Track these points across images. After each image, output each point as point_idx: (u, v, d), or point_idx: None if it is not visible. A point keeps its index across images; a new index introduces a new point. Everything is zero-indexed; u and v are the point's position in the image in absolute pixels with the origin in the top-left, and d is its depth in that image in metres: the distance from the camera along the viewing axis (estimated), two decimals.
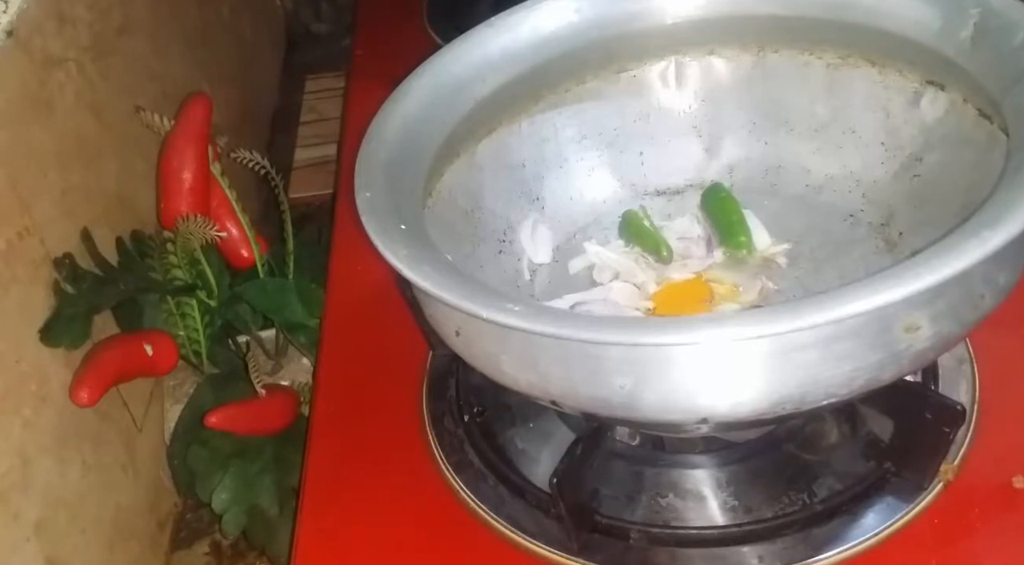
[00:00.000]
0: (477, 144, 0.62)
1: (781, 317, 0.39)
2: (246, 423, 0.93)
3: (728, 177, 0.67)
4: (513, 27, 0.62)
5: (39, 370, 0.86)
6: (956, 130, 0.57)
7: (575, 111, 0.66)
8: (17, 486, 0.81)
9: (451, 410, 0.64)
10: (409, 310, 0.60)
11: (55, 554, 0.85)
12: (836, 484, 0.55)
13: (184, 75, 1.35)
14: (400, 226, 0.48)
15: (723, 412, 0.44)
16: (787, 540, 0.53)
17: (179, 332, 1.00)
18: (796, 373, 0.42)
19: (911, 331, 0.42)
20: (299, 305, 0.99)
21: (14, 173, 0.86)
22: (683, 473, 0.57)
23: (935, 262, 0.38)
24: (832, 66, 0.62)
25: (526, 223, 0.65)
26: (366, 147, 0.54)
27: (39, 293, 0.88)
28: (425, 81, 0.59)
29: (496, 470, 0.59)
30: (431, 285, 0.44)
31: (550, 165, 0.66)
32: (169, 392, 1.09)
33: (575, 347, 0.43)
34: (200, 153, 1.01)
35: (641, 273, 0.62)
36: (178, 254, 0.98)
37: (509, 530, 0.56)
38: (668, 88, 0.67)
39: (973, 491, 0.54)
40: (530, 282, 0.64)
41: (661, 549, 0.54)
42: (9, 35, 0.88)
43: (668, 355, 0.43)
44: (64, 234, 0.93)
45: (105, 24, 1.11)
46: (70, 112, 0.99)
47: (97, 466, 0.94)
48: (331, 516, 0.60)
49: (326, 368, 0.72)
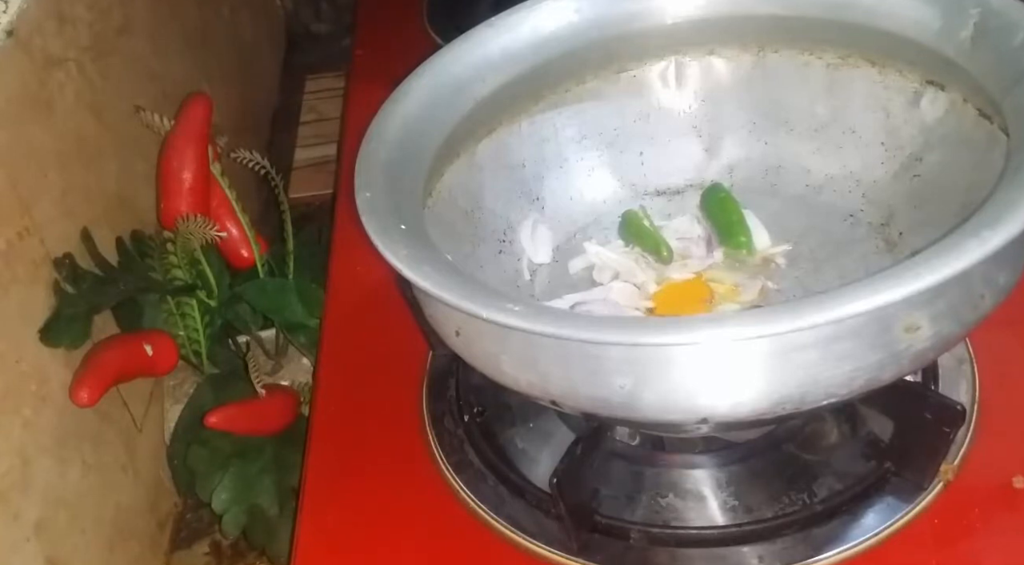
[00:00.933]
0: (477, 144, 0.62)
1: (781, 317, 0.39)
2: (246, 423, 0.93)
3: (728, 177, 0.67)
4: (513, 27, 0.62)
5: (39, 370, 0.86)
6: (956, 130, 0.57)
7: (575, 111, 0.66)
8: (17, 486, 0.81)
9: (451, 410, 0.64)
10: (409, 310, 0.60)
11: (55, 554, 0.85)
12: (836, 484, 0.55)
13: (184, 75, 1.35)
14: (400, 226, 0.48)
15: (723, 412, 0.44)
16: (787, 540, 0.53)
17: (179, 332, 1.00)
18: (796, 373, 0.42)
19: (911, 331, 0.42)
20: (299, 305, 0.99)
21: (14, 173, 0.86)
22: (683, 473, 0.57)
23: (935, 262, 0.39)
24: (832, 66, 0.62)
25: (526, 223, 0.65)
26: (366, 147, 0.54)
27: (39, 293, 0.88)
28: (425, 81, 0.59)
29: (496, 470, 0.59)
30: (431, 285, 0.44)
31: (550, 165, 0.66)
32: (169, 392, 1.09)
33: (575, 347, 0.43)
34: (200, 153, 1.01)
35: (641, 273, 0.62)
36: (178, 254, 0.98)
37: (509, 530, 0.56)
38: (668, 88, 0.67)
39: (973, 491, 0.54)
40: (530, 282, 0.64)
41: (661, 549, 0.54)
42: (9, 35, 0.88)
43: (668, 355, 0.43)
44: (64, 234, 0.93)
45: (105, 24, 1.11)
46: (70, 112, 0.99)
47: (97, 466, 0.94)
48: (331, 516, 0.60)
49: (326, 368, 0.72)
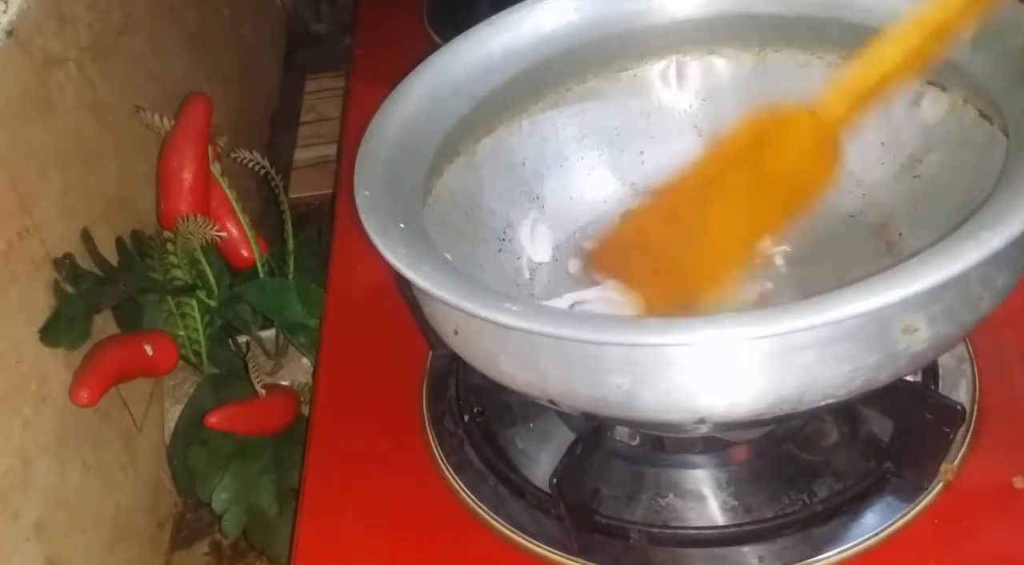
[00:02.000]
0: (477, 143, 0.62)
1: (780, 318, 0.39)
2: (246, 423, 0.93)
3: None
4: (513, 26, 0.62)
5: (39, 370, 0.86)
6: (956, 131, 0.57)
7: (575, 110, 0.66)
8: (17, 486, 0.81)
9: (451, 410, 0.64)
10: (409, 310, 0.60)
11: (55, 554, 0.85)
12: (836, 484, 0.55)
13: (184, 75, 1.34)
14: (399, 225, 0.48)
15: (721, 412, 0.44)
16: (787, 540, 0.53)
17: (179, 332, 1.00)
18: (794, 374, 0.42)
19: (909, 332, 0.42)
20: (299, 305, 0.99)
21: (14, 173, 0.86)
22: (683, 473, 0.57)
23: (933, 264, 0.38)
24: (832, 66, 0.62)
25: (526, 222, 0.65)
26: (366, 146, 0.54)
27: (39, 293, 0.88)
28: (425, 80, 0.59)
29: (496, 470, 0.59)
30: (430, 284, 0.44)
31: (550, 164, 0.66)
32: (169, 392, 1.08)
33: (573, 347, 0.43)
34: (200, 153, 1.01)
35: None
36: (178, 254, 0.98)
37: (509, 530, 0.56)
38: (669, 87, 0.67)
39: (973, 491, 0.54)
40: (530, 281, 0.64)
41: (661, 549, 0.54)
42: (9, 35, 0.88)
43: (666, 355, 0.43)
44: (64, 234, 0.93)
45: (105, 24, 1.11)
46: (70, 112, 0.99)
47: (97, 466, 0.94)
48: (331, 516, 0.60)
49: (326, 368, 0.72)
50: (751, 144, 0.43)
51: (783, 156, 0.43)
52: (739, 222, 0.43)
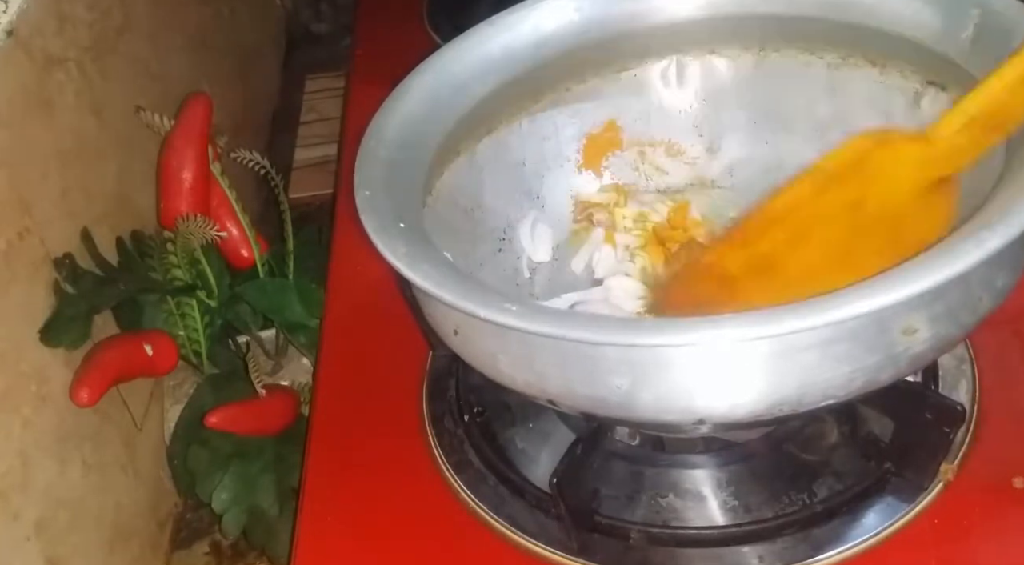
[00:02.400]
0: (477, 142, 0.62)
1: (779, 319, 0.39)
2: (246, 423, 0.93)
3: (728, 177, 0.67)
4: (514, 26, 0.62)
5: (39, 370, 0.86)
6: None
7: (576, 110, 0.66)
8: (17, 486, 0.81)
9: (451, 410, 0.64)
10: (409, 310, 0.60)
11: (55, 554, 0.85)
12: (836, 484, 0.55)
13: (184, 75, 1.34)
14: (399, 224, 0.48)
15: (720, 413, 0.44)
16: (787, 540, 0.53)
17: (179, 332, 1.00)
18: (794, 375, 0.42)
19: (909, 333, 0.42)
20: (299, 305, 0.99)
21: (14, 173, 0.86)
22: (683, 473, 0.57)
23: (933, 264, 0.38)
24: (833, 66, 0.62)
25: (526, 221, 0.65)
26: (366, 145, 0.54)
27: (39, 293, 0.88)
28: (425, 80, 0.59)
29: (496, 470, 0.59)
30: (429, 284, 0.44)
31: (550, 164, 0.66)
32: (169, 392, 1.09)
33: (572, 347, 0.43)
34: (200, 153, 1.01)
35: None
36: (178, 254, 0.98)
37: (509, 530, 0.56)
38: (669, 87, 0.67)
39: (973, 491, 0.54)
40: (529, 281, 0.64)
41: (661, 549, 0.54)
42: (9, 35, 0.88)
43: (665, 356, 0.43)
44: (64, 234, 0.93)
45: (105, 24, 1.11)
46: (70, 112, 0.99)
47: (97, 466, 0.94)
48: (331, 516, 0.60)
49: (326, 368, 0.72)
50: (854, 175, 0.36)
51: (890, 192, 0.35)
52: (831, 269, 0.36)
